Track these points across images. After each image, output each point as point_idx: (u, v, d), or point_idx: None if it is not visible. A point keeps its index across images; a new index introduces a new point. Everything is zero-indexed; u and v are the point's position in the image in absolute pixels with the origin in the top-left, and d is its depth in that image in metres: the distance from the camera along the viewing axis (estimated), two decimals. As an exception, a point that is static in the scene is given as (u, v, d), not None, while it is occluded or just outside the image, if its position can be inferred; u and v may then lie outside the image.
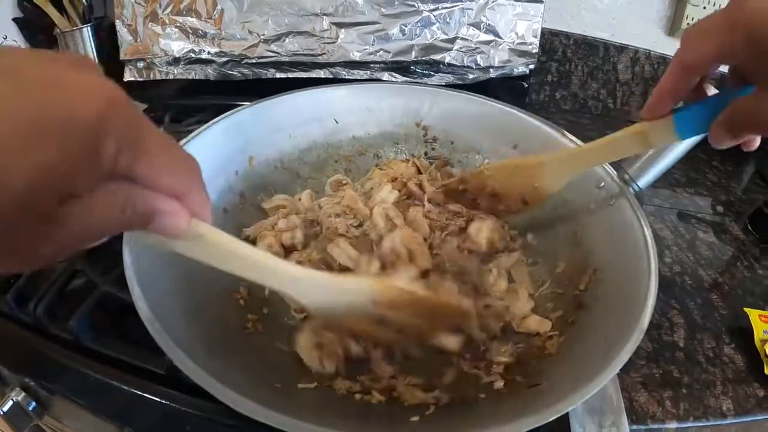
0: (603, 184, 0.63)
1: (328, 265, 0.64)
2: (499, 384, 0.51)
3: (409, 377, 0.54)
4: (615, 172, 0.63)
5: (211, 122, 0.69)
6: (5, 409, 0.62)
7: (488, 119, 0.77)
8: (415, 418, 0.47)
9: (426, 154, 0.82)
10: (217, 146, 0.69)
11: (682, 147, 0.60)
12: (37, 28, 1.16)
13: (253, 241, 0.68)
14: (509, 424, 0.40)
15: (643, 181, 0.62)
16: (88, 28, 1.15)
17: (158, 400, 0.54)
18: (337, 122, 0.81)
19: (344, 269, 0.63)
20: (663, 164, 0.61)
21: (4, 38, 1.13)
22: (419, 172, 0.79)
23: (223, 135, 0.70)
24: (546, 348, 0.54)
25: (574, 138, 0.68)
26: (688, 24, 1.05)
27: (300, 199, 0.75)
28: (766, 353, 0.63)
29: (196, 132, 0.67)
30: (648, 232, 0.55)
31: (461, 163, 0.80)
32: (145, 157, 0.30)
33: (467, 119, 0.79)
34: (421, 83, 1.01)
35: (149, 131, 0.30)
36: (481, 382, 0.52)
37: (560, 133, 0.70)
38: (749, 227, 0.87)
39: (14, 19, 1.14)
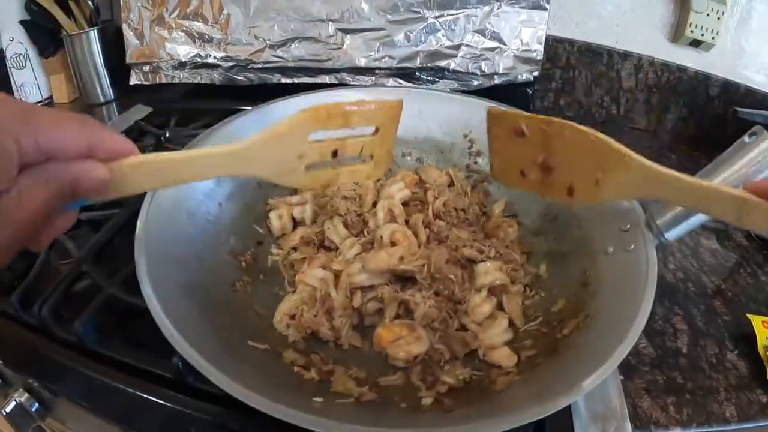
0: (629, 226, 0.59)
1: (321, 241, 0.69)
2: (428, 401, 0.51)
3: (355, 369, 0.55)
4: (644, 218, 0.59)
5: (267, 103, 0.76)
6: (8, 409, 0.61)
7: None
8: (319, 399, 0.48)
9: (468, 167, 0.83)
10: (263, 126, 0.68)
11: None
12: (43, 31, 1.17)
13: (270, 210, 0.74)
14: None
15: (672, 234, 0.58)
16: (95, 31, 1.16)
17: (163, 403, 0.54)
18: None
19: (332, 246, 0.68)
20: (696, 219, 0.57)
21: (11, 40, 1.14)
22: (452, 183, 0.79)
23: (277, 115, 0.74)
24: (495, 383, 0.53)
25: None
26: (691, 32, 1.05)
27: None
28: (769, 359, 0.63)
29: (253, 108, 0.75)
30: (649, 293, 0.50)
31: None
32: (43, 134, 0.34)
33: None
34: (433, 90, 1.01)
35: (37, 114, 0.34)
36: (416, 395, 0.52)
37: None
38: (752, 234, 0.86)
39: (21, 22, 1.14)
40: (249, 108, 0.77)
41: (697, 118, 1.14)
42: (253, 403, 0.41)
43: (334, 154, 0.60)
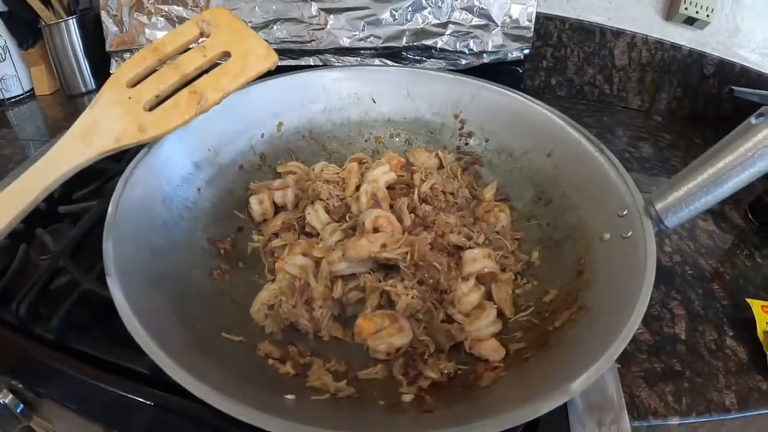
0: (626, 212, 0.56)
1: (302, 226, 0.67)
2: (408, 398, 0.49)
3: (334, 362, 0.53)
4: (642, 203, 0.56)
5: (247, 84, 0.72)
6: None
7: (528, 121, 0.74)
8: (291, 397, 0.46)
9: (458, 148, 0.80)
10: (247, 107, 0.75)
11: (727, 187, 0.52)
12: (21, 22, 1.15)
13: (250, 195, 0.72)
14: None
15: (672, 221, 0.54)
16: (74, 20, 1.14)
17: (142, 400, 0.53)
18: (374, 101, 0.81)
19: (313, 232, 0.66)
20: (700, 203, 0.53)
21: (-11, 33, 1.13)
22: (441, 166, 0.77)
23: (257, 98, 0.76)
24: (481, 378, 0.50)
25: (612, 156, 0.63)
26: (685, 9, 1.03)
27: (313, 169, 0.76)
28: (769, 345, 0.61)
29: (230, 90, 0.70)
30: (648, 281, 0.48)
31: (491, 164, 0.77)
32: None
33: (506, 118, 0.76)
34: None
35: None
36: (396, 391, 0.50)
37: (599, 150, 0.64)
38: (749, 215, 0.85)
39: (-2, 13, 1.13)
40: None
41: (692, 97, 1.12)
42: (217, 405, 0.39)
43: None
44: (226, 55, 0.67)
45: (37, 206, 0.72)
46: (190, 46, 0.67)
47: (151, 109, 0.63)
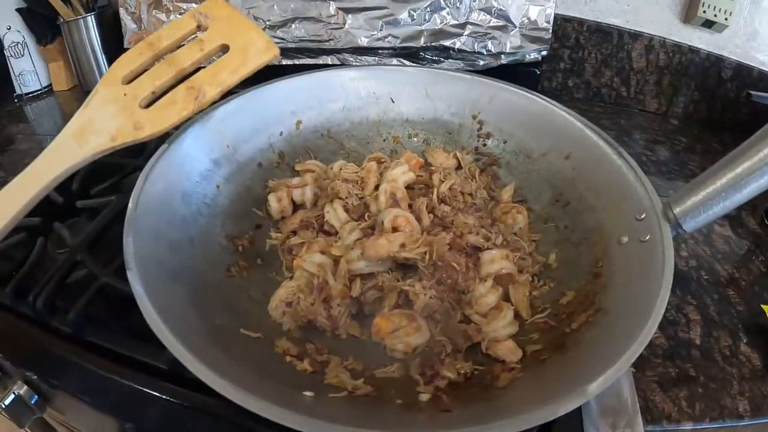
0: (644, 216, 0.56)
1: (321, 225, 0.68)
2: (425, 397, 0.49)
3: (351, 360, 0.54)
4: (661, 207, 0.56)
5: (266, 82, 0.75)
6: (7, 402, 0.61)
7: (546, 123, 0.74)
8: (309, 394, 0.46)
9: (476, 149, 0.80)
10: (266, 105, 0.76)
11: (747, 192, 0.52)
12: (40, 18, 1.16)
13: (269, 192, 0.72)
14: None
15: (690, 225, 0.54)
16: (92, 16, 1.15)
17: (158, 395, 0.53)
18: (393, 101, 0.82)
19: (332, 230, 0.67)
20: (718, 208, 0.53)
21: (8, 29, 1.13)
22: (459, 166, 0.77)
23: (276, 96, 0.77)
24: (498, 379, 0.51)
25: (631, 159, 0.63)
26: (703, 12, 1.02)
27: (332, 168, 0.77)
28: (783, 352, 0.62)
29: (251, 88, 0.74)
30: (666, 284, 0.48)
31: (509, 165, 0.77)
32: None
33: (525, 119, 0.76)
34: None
35: None
36: (413, 390, 0.51)
37: (617, 153, 0.64)
38: (765, 221, 0.85)
39: (18, 10, 1.14)
40: (248, 89, 0.75)
41: (709, 101, 1.12)
42: (238, 400, 0.40)
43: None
44: (225, 48, 0.65)
45: (55, 200, 0.74)
46: (189, 40, 0.66)
47: (147, 105, 0.62)
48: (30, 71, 1.19)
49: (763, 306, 0.67)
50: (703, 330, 0.65)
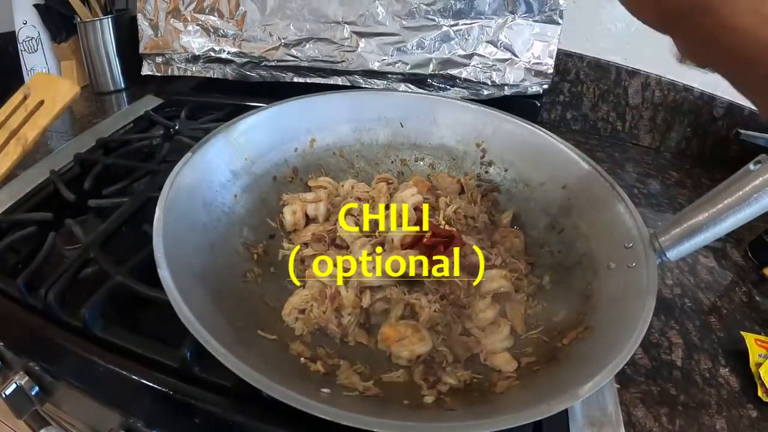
0: (632, 244, 0.60)
1: (332, 238, 0.71)
2: (429, 399, 0.53)
3: (359, 364, 0.57)
4: (647, 237, 0.60)
5: (285, 100, 0.80)
6: (8, 392, 0.63)
7: (545, 154, 0.77)
8: (327, 390, 0.50)
9: (479, 176, 0.84)
10: (284, 122, 0.80)
11: (726, 225, 0.55)
12: (57, 16, 1.17)
13: (283, 205, 0.76)
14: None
15: (674, 253, 0.58)
16: (109, 19, 1.17)
17: (168, 392, 0.55)
18: (402, 126, 0.85)
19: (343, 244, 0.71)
20: (700, 239, 0.57)
21: (24, 23, 1.15)
22: (462, 191, 0.81)
23: (294, 113, 0.81)
24: (495, 385, 0.54)
25: (622, 192, 0.66)
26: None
27: (343, 186, 0.81)
28: (760, 376, 0.64)
29: (271, 105, 0.79)
30: (648, 306, 0.52)
31: (509, 192, 0.81)
32: None
33: (525, 150, 0.80)
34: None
35: None
36: (418, 393, 0.54)
37: (610, 186, 0.67)
38: (749, 254, 0.88)
39: (35, 5, 1.15)
40: (263, 105, 0.79)
41: (701, 137, 1.15)
42: (267, 389, 0.42)
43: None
44: (42, 103, 0.89)
45: (66, 197, 0.78)
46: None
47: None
48: (42, 67, 1.20)
49: (742, 333, 0.69)
50: (685, 353, 0.68)
